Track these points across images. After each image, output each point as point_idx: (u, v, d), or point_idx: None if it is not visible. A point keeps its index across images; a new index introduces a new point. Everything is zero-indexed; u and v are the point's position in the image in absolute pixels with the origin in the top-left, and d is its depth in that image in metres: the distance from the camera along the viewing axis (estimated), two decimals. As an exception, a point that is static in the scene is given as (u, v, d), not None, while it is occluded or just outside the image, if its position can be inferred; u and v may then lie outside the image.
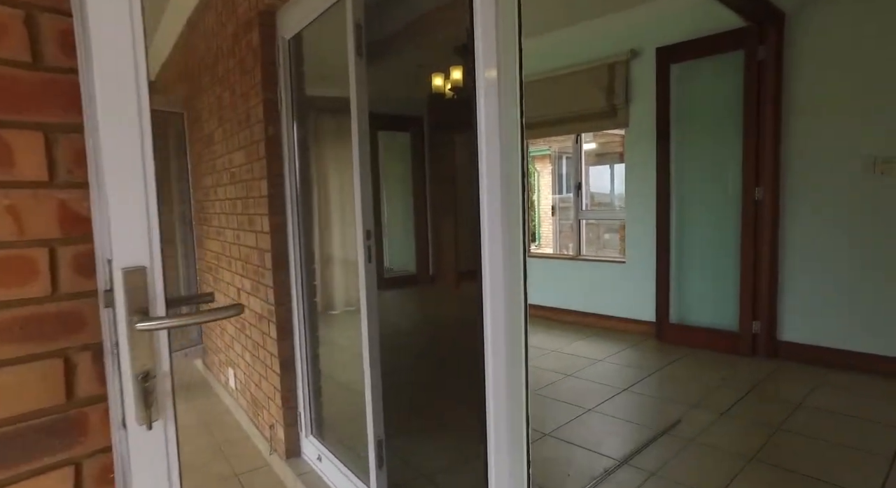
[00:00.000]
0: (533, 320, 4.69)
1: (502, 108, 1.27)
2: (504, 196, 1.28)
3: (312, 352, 2.40)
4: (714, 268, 3.71)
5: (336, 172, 2.46)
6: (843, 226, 3.18)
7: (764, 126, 3.35)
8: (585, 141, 12.29)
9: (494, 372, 1.33)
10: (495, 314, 1.32)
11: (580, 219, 4.70)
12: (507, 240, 1.31)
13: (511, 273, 1.35)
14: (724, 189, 3.60)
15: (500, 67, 1.26)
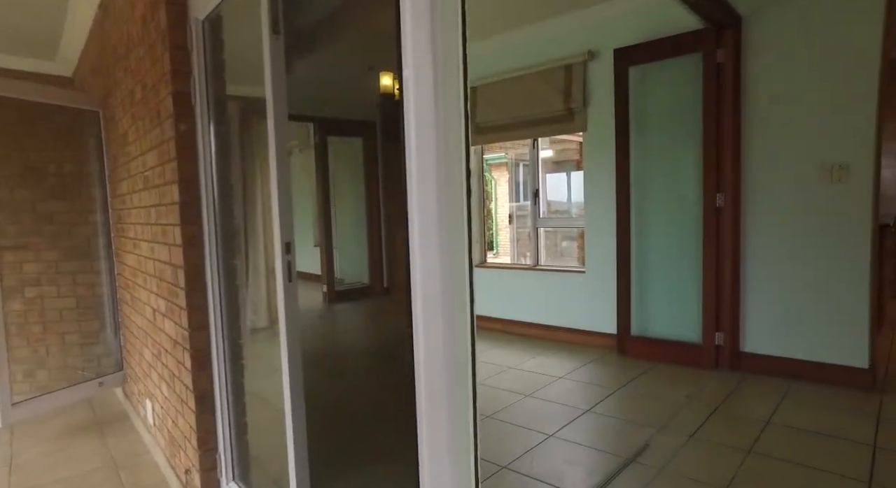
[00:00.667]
0: (491, 334, 4.45)
1: (438, 103, 1.02)
2: (441, 201, 1.02)
3: (235, 384, 2.07)
4: (676, 278, 3.57)
5: (265, 176, 2.16)
6: (802, 234, 3.10)
7: (724, 131, 3.24)
8: (542, 148, 12.25)
9: (430, 400, 1.07)
10: (430, 332, 1.06)
11: (538, 228, 4.51)
12: (446, 248, 1.05)
13: (452, 285, 1.09)
14: (686, 195, 3.48)
15: (437, 55, 1.00)
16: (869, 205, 2.91)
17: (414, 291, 1.03)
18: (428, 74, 0.96)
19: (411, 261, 1.01)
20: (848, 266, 2.97)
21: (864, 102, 2.88)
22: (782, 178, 3.15)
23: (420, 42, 0.95)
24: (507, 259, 9.53)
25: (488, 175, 14.64)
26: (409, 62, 0.93)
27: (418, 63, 0.95)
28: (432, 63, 0.95)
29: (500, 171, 11.79)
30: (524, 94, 4.24)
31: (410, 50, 0.94)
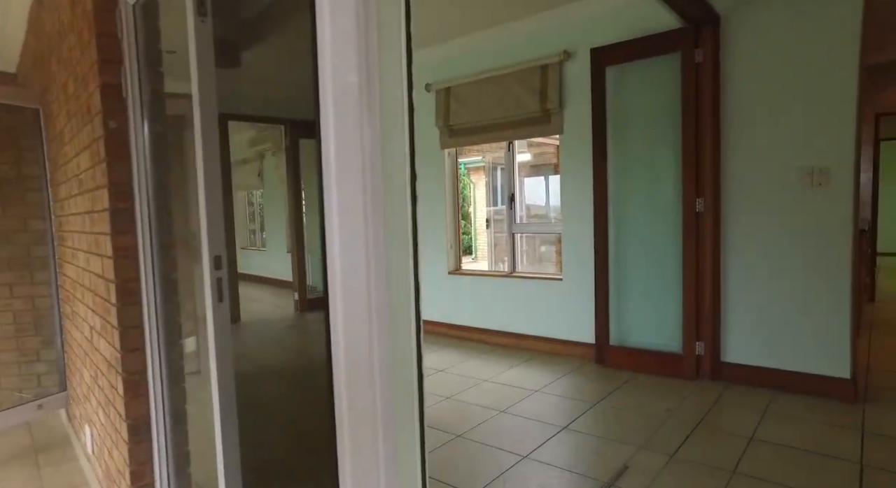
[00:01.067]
0: (466, 345, 4.29)
1: (365, 103, 0.85)
2: (372, 198, 0.85)
3: (175, 411, 1.86)
4: (656, 286, 3.45)
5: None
6: (784, 240, 3.00)
7: (703, 133, 3.14)
8: (519, 152, 12.16)
9: (353, 445, 0.90)
10: (353, 350, 0.89)
11: (514, 233, 4.37)
12: (381, 257, 0.88)
13: (390, 297, 0.92)
14: (666, 200, 3.37)
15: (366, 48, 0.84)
16: (849, 210, 2.83)
17: (333, 305, 0.86)
18: (352, 67, 0.80)
19: (328, 273, 0.85)
20: (829, 273, 2.88)
21: (844, 105, 2.80)
22: (763, 183, 3.05)
23: (343, 28, 0.78)
24: (485, 264, 9.40)
25: (466, 179, 14.51)
26: (327, 50, 0.76)
27: (338, 51, 0.77)
28: (357, 52, 0.78)
29: (477, 175, 11.67)
30: (499, 96, 4.10)
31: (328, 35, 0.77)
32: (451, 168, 4.68)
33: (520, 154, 12.55)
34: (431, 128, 4.59)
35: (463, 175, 13.87)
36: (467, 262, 12.53)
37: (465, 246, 13.69)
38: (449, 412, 2.93)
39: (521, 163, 13.02)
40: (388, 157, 0.90)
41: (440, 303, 4.71)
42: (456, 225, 4.71)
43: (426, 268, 4.78)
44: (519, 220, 4.48)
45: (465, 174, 14.34)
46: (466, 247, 13.34)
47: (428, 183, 4.69)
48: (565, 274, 3.91)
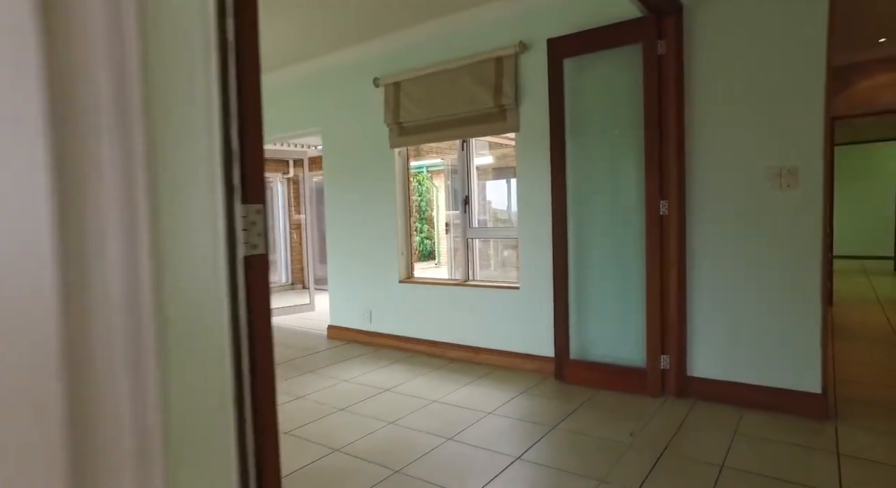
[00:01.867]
0: (418, 359, 3.96)
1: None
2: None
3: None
4: (618, 295, 3.21)
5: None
6: (751, 245, 2.80)
7: (667, 131, 2.91)
8: (481, 154, 11.97)
9: None
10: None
11: (469, 238, 4.07)
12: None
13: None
14: (629, 202, 3.13)
15: None
16: (819, 214, 2.64)
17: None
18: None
19: None
20: (799, 281, 2.68)
21: (812, 103, 2.62)
22: (729, 184, 2.84)
23: None
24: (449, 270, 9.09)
25: (429, 182, 14.20)
26: None
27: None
28: None
29: (440, 179, 11.40)
30: (451, 91, 3.80)
31: None
32: (403, 168, 4.35)
33: (482, 156, 12.38)
34: (381, 125, 4.26)
35: (426, 178, 13.59)
36: (429, 268, 12.23)
37: (426, 251, 13.36)
38: (390, 441, 2.59)
39: (483, 165, 12.84)
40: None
41: (391, 313, 4.38)
42: (408, 230, 4.39)
43: (375, 276, 4.44)
44: (478, 225, 4.19)
45: (427, 177, 14.05)
46: (429, 253, 13.06)
47: (377, 184, 4.36)
48: (522, 282, 3.64)
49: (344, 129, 4.57)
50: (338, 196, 4.67)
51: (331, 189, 4.72)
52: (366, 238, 4.49)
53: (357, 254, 4.57)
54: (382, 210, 4.35)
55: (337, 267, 4.74)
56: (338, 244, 4.72)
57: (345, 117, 4.54)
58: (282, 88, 5.02)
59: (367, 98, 4.34)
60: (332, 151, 4.69)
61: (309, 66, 4.71)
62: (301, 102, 4.88)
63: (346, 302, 4.70)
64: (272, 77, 5.02)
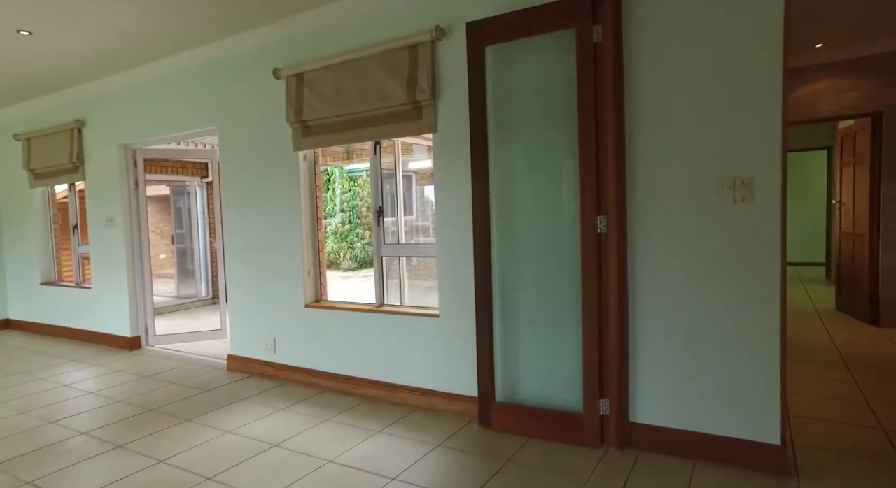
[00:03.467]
0: (323, 398, 3.36)
1: None
2: None
3: None
4: (552, 326, 2.73)
5: None
6: (702, 269, 2.38)
7: (604, 134, 2.46)
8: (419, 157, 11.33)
9: None
10: None
11: (382, 256, 3.51)
12: None
13: None
14: (563, 217, 2.66)
15: None
16: (776, 231, 2.25)
17: None
18: None
19: None
20: (755, 311, 2.28)
21: (768, 104, 2.23)
22: (676, 196, 2.42)
23: None
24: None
25: (358, 189, 13.47)
26: None
27: None
28: None
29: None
30: (361, 84, 3.24)
31: None
32: (309, 174, 3.74)
33: (419, 160, 11.75)
34: (284, 124, 3.63)
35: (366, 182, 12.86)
36: (371, 276, 11.58)
37: (368, 258, 12.66)
38: (257, 531, 1.99)
39: (421, 170, 12.21)
40: None
41: (297, 342, 3.75)
42: (315, 244, 3.78)
43: (279, 299, 3.80)
44: (386, 241, 3.64)
45: (354, 184, 13.35)
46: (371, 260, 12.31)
47: (281, 192, 3.73)
48: (443, 308, 3.11)
49: (243, 128, 3.91)
50: (237, 205, 4.00)
51: (229, 197, 4.04)
52: (268, 255, 3.85)
53: (259, 273, 3.91)
54: (286, 222, 3.72)
55: (237, 288, 4.06)
56: (237, 261, 4.04)
57: (243, 114, 3.88)
58: (171, 80, 4.30)
59: (268, 92, 3.71)
60: (229, 153, 4.02)
61: (201, 55, 4.02)
62: (194, 97, 4.17)
63: (248, 328, 4.03)
64: (157, 67, 4.29)
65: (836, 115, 5.03)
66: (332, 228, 13.40)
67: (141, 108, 4.53)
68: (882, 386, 3.30)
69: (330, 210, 13.45)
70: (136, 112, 4.57)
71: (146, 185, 4.79)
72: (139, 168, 4.72)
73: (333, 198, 13.56)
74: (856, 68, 4.91)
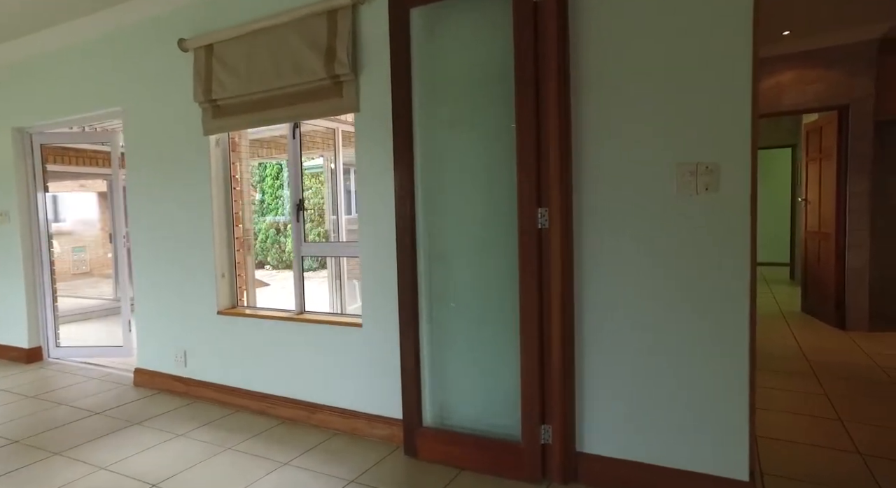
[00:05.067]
0: (238, 418, 2.89)
1: None
2: None
3: None
4: (487, 340, 2.33)
5: None
6: (660, 273, 2.01)
7: (546, 113, 2.07)
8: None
9: None
10: None
11: (302, 256, 3.05)
12: None
13: None
14: (500, 212, 2.26)
15: None
16: (746, 228, 1.90)
17: None
18: None
19: None
20: (723, 324, 1.93)
21: (737, 77, 1.88)
22: (631, 186, 2.05)
23: None
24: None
25: (318, 185, 12.92)
26: None
27: None
28: None
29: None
30: (276, 57, 2.79)
31: None
32: (222, 162, 3.26)
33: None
34: (193, 105, 3.15)
35: (316, 182, 12.36)
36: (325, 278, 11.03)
37: (322, 262, 12.13)
38: None
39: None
40: None
41: (210, 355, 3.26)
42: (231, 243, 3.30)
43: (189, 304, 3.31)
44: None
45: (319, 181, 12.83)
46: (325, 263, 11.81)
47: (191, 183, 3.24)
48: (366, 317, 2.68)
49: (150, 110, 3.40)
50: (142, 197, 3.49)
51: (133, 188, 3.53)
52: (177, 254, 3.35)
53: (166, 275, 3.41)
54: (196, 218, 3.23)
55: (144, 292, 3.54)
56: (143, 262, 3.53)
57: (151, 94, 3.37)
58: (70, 54, 3.75)
59: (175, 67, 3.21)
60: (134, 139, 3.50)
61: (97, 23, 3.49)
62: (97, 73, 3.64)
63: (156, 338, 3.52)
64: (51, 37, 3.73)
65: (801, 108, 4.79)
66: (267, 227, 12.92)
67: (36, 86, 3.97)
68: (854, 400, 3.01)
69: (274, 206, 12.93)
70: (31, 91, 4.00)
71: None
72: (36, 155, 4.14)
73: (280, 193, 13.02)
74: (822, 59, 4.67)
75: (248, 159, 5.00)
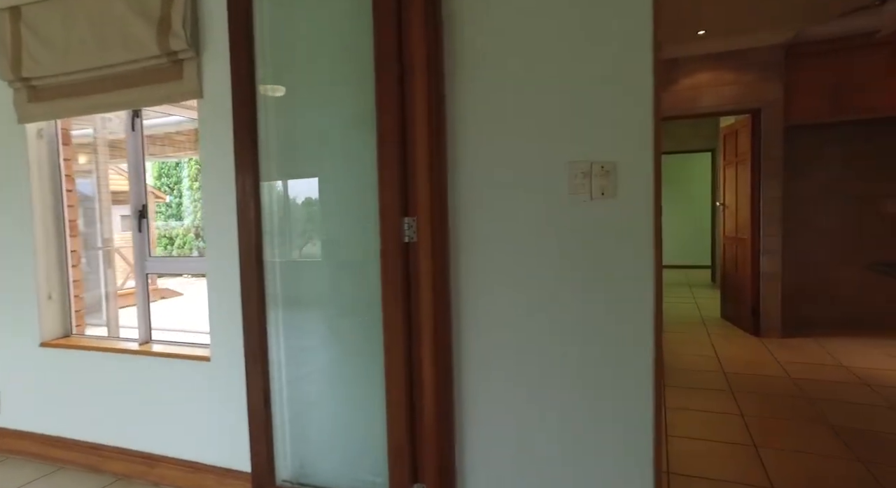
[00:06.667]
0: (59, 476, 2.30)
1: None
2: None
3: None
4: (355, 379, 1.91)
5: None
6: (552, 291, 1.66)
7: (413, 100, 1.67)
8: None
9: None
10: None
11: (147, 273, 2.52)
12: None
13: None
14: (366, 219, 1.84)
15: None
16: (650, 240, 1.58)
17: None
18: None
19: None
20: (621, 352, 1.60)
21: (635, 72, 1.56)
22: (516, 191, 1.69)
23: None
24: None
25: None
26: None
27: None
28: None
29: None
30: (99, 26, 2.24)
31: None
32: (48, 158, 2.66)
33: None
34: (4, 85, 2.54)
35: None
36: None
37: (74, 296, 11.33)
38: None
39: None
40: None
41: (29, 397, 2.64)
42: (64, 258, 2.70)
43: (2, 334, 2.68)
44: (152, 252, 2.63)
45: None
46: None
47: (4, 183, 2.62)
48: (215, 349, 2.19)
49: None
50: (-49, 202, 2.81)
51: (-60, 190, 2.84)
52: (-10, 271, 2.71)
53: (-18, 297, 2.76)
54: (10, 226, 2.62)
55: (-44, 318, 2.86)
56: (-46, 281, 2.85)
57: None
58: None
59: (-16, 39, 2.58)
60: (-59, 128, 2.82)
61: None
62: None
63: (-26, 375, 2.85)
64: None
65: (718, 110, 4.70)
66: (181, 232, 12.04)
67: None
68: (766, 420, 2.82)
69: (195, 209, 12.06)
70: None
71: None
72: None
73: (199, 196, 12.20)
74: (737, 61, 4.59)
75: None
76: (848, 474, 2.23)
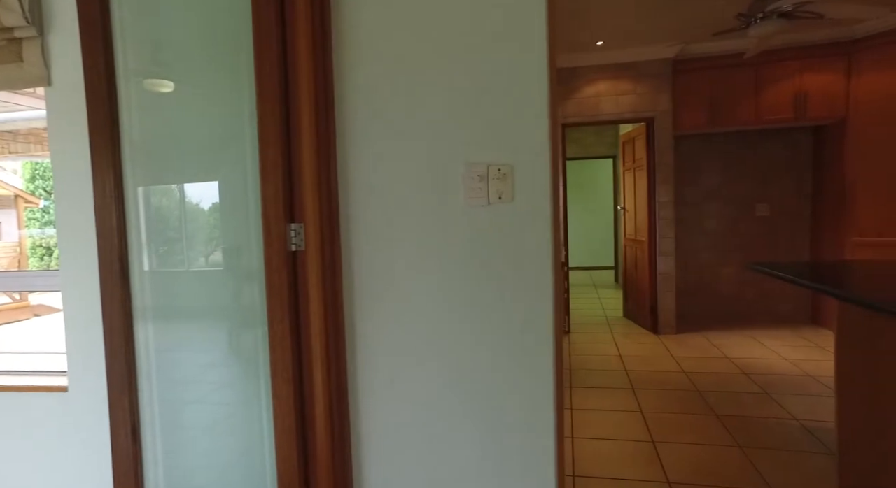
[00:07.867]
0: None
1: None
2: None
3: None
4: (242, 406, 1.71)
5: None
6: (452, 305, 1.58)
7: (297, 91, 1.52)
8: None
9: None
10: None
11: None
12: None
13: None
14: (247, 228, 1.66)
15: None
16: (548, 248, 1.54)
17: None
18: None
19: None
20: (521, 365, 1.54)
21: (530, 72, 1.51)
22: (413, 194, 1.59)
23: None
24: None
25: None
26: None
27: None
28: None
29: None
30: (-80, -2, 1.87)
31: None
32: None
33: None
34: None
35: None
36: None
37: None
38: None
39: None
40: None
41: None
42: None
43: None
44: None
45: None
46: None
47: None
48: (73, 376, 1.89)
49: None
50: None
51: None
52: None
53: None
54: None
55: None
56: None
57: None
58: None
59: None
60: None
61: None
62: None
63: None
64: None
65: (617, 118, 4.91)
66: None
67: None
68: (662, 414, 2.94)
69: (53, 215, 10.94)
70: None
71: None
72: None
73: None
74: (633, 71, 4.83)
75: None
76: (728, 460, 2.36)
